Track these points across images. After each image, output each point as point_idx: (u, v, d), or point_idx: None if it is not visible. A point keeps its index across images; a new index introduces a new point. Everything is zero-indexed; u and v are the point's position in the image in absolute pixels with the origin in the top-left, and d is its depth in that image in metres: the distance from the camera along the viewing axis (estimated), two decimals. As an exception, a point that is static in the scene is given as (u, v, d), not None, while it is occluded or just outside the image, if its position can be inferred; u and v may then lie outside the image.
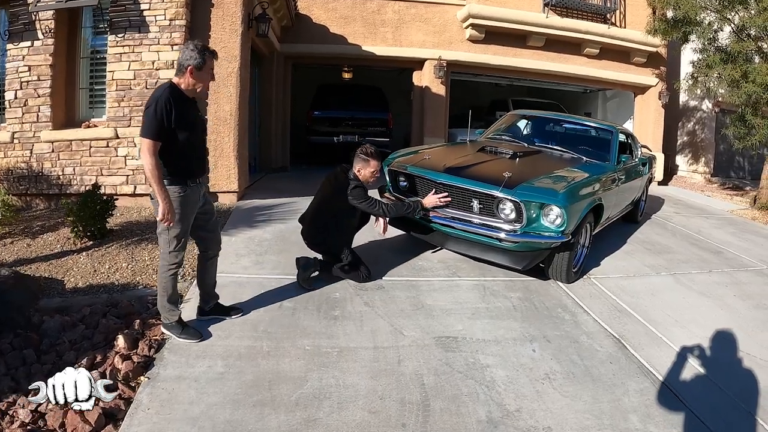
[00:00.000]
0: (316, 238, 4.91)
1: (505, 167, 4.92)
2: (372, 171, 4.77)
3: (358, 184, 4.74)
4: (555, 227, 4.65)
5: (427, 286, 4.95)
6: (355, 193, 4.71)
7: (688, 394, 3.58)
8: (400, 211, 4.96)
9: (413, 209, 4.98)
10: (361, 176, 4.77)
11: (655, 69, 12.68)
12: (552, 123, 6.92)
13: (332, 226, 4.80)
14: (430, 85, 11.18)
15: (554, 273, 5.11)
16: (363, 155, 4.76)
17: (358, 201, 4.71)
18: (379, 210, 4.81)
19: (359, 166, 4.78)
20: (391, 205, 4.94)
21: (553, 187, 4.74)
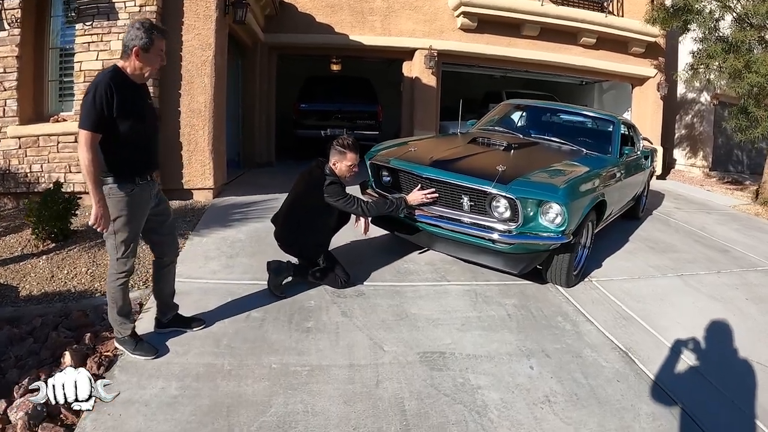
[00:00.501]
0: (289, 240, 4.40)
1: (498, 160, 4.40)
2: (349, 165, 4.26)
3: (334, 179, 4.23)
4: (554, 227, 4.15)
5: (412, 292, 4.44)
6: (331, 189, 4.20)
7: (705, 418, 3.09)
8: (382, 209, 4.44)
9: (396, 207, 4.46)
10: (337, 170, 4.27)
11: (654, 60, 12.19)
12: (549, 113, 6.39)
13: (306, 226, 4.30)
14: (421, 75, 10.64)
15: (553, 276, 4.61)
16: (339, 147, 4.24)
17: (335, 198, 4.20)
18: (358, 208, 4.30)
19: (335, 159, 4.26)
20: (372, 203, 4.42)
21: (552, 183, 4.23)
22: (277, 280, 4.24)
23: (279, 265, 4.29)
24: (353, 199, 4.26)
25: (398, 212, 4.49)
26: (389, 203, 4.47)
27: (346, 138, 4.29)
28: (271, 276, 4.24)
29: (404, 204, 4.49)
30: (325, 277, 4.37)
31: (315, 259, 4.33)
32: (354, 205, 4.25)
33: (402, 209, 4.48)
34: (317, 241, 4.34)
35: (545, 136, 5.86)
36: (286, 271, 4.30)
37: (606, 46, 11.65)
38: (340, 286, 4.36)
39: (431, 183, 4.49)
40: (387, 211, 4.46)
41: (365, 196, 5.02)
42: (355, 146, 4.26)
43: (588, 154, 5.45)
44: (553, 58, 11.21)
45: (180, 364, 3.28)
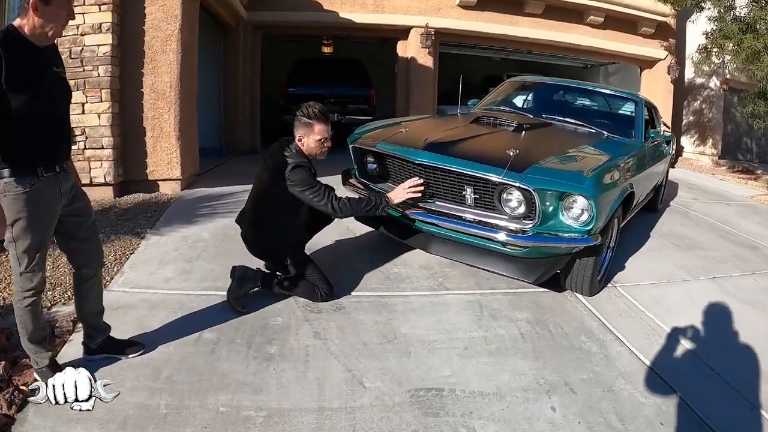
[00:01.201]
0: (255, 241, 3.58)
1: (508, 143, 3.56)
2: (318, 139, 3.38)
3: (299, 161, 3.36)
4: (579, 225, 3.30)
5: (403, 305, 3.60)
6: (296, 175, 3.33)
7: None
8: (356, 208, 3.50)
9: (374, 206, 3.51)
10: (304, 148, 3.42)
11: (664, 41, 11.32)
12: (562, 91, 5.49)
13: (274, 224, 3.46)
14: (417, 56, 9.73)
15: (573, 284, 3.78)
16: (304, 117, 3.38)
17: (300, 188, 3.33)
18: (327, 204, 3.37)
19: (300, 133, 3.40)
20: (345, 201, 3.45)
21: (576, 171, 3.39)
22: (239, 290, 3.41)
23: (244, 272, 3.46)
24: (323, 190, 3.38)
25: (379, 211, 3.55)
26: (366, 201, 3.51)
27: (311, 105, 3.41)
28: (232, 285, 3.42)
29: (385, 202, 3.55)
30: (299, 286, 3.54)
31: (287, 265, 3.50)
32: (322, 199, 3.36)
33: (383, 208, 3.54)
34: (289, 242, 3.51)
35: (558, 117, 4.98)
36: (253, 280, 3.47)
37: (614, 25, 10.75)
38: (319, 299, 3.53)
39: (426, 171, 3.62)
40: (364, 212, 3.54)
41: (347, 187, 4.15)
42: (324, 114, 3.41)
43: (609, 137, 4.58)
44: (558, 37, 10.31)
45: (105, 405, 2.46)
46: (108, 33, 5.63)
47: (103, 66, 5.68)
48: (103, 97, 5.71)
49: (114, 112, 5.76)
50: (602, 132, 4.64)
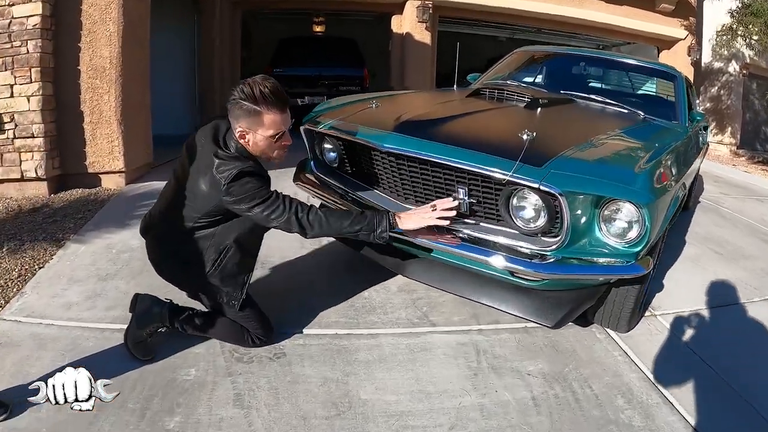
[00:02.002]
0: (163, 266, 2.45)
1: (519, 123, 2.44)
2: (271, 135, 2.15)
3: (243, 168, 2.10)
4: (624, 245, 2.18)
5: (368, 351, 2.52)
6: (238, 188, 2.10)
7: None
8: (339, 225, 2.21)
9: (369, 227, 2.21)
10: (250, 146, 2.19)
11: (684, 20, 10.19)
12: (584, 62, 4.30)
13: (195, 259, 2.30)
14: (413, 31, 8.58)
15: (606, 318, 2.71)
16: (246, 101, 2.09)
17: (247, 204, 2.12)
18: (291, 219, 2.14)
19: (242, 124, 2.14)
20: (321, 213, 2.20)
21: (622, 165, 2.28)
22: (140, 332, 2.33)
23: (148, 307, 2.38)
24: (282, 202, 2.15)
25: (374, 237, 2.22)
26: (354, 219, 2.21)
27: (259, 82, 2.09)
28: (131, 326, 2.36)
29: (387, 225, 2.21)
30: (222, 329, 2.45)
31: (211, 299, 2.40)
32: (283, 214, 2.13)
33: (381, 234, 2.21)
34: (223, 287, 2.35)
35: (581, 94, 3.79)
36: (159, 317, 2.37)
37: (631, 1, 9.58)
38: (250, 344, 2.45)
39: (398, 163, 2.50)
40: (350, 233, 2.22)
41: (297, 184, 3.00)
42: (278, 96, 2.11)
43: (647, 119, 3.44)
44: (570, 12, 9.17)
45: None
46: (38, 2, 4.55)
47: (33, 41, 4.60)
48: (33, 77, 4.62)
49: (45, 94, 4.67)
50: (637, 112, 3.50)
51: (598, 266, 2.15)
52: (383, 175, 2.56)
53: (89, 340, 2.47)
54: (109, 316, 2.68)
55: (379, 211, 2.25)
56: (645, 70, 4.33)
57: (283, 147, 2.24)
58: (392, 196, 2.58)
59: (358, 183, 2.74)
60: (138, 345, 2.32)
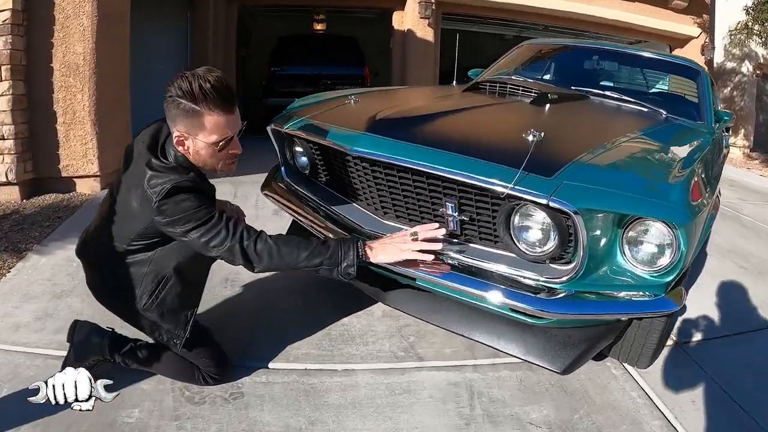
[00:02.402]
0: (100, 293, 2.01)
1: (524, 121, 1.98)
2: (215, 141, 1.69)
3: (178, 181, 1.67)
4: (653, 274, 1.72)
5: (341, 392, 2.08)
6: (172, 206, 1.66)
7: None
8: (295, 258, 1.75)
9: (332, 261, 1.75)
10: (191, 155, 1.75)
11: (698, 17, 9.68)
12: (597, 56, 3.81)
13: (127, 278, 1.87)
14: (415, 28, 8.10)
15: (623, 353, 2.24)
16: (185, 99, 1.63)
17: (182, 227, 1.69)
18: (235, 247, 1.71)
19: (180, 127, 1.69)
20: (272, 242, 1.74)
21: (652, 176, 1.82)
22: (78, 365, 1.89)
23: (86, 336, 1.99)
24: (224, 226, 1.71)
25: (339, 273, 1.77)
26: (314, 250, 1.75)
27: (200, 74, 1.64)
28: (69, 357, 1.99)
29: (355, 257, 1.76)
30: (169, 365, 2.03)
31: (155, 331, 1.95)
32: (225, 240, 1.70)
33: (347, 268, 1.76)
34: (152, 312, 1.89)
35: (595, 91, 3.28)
36: (99, 349, 1.98)
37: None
38: (202, 383, 2.02)
39: (373, 169, 2.04)
40: (308, 267, 1.76)
41: (267, 195, 2.54)
42: (224, 93, 1.65)
43: (670, 119, 2.97)
44: (579, 9, 8.65)
45: None
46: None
47: (3, 36, 4.21)
48: (3, 75, 4.22)
49: (16, 94, 4.28)
50: (659, 111, 3.01)
51: (620, 302, 1.68)
52: (359, 184, 2.10)
53: (30, 369, 2.09)
54: (55, 341, 2.27)
55: (346, 240, 1.77)
56: (665, 65, 3.83)
57: (231, 156, 1.78)
58: (370, 210, 2.13)
59: (333, 194, 2.29)
60: None
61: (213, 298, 2.72)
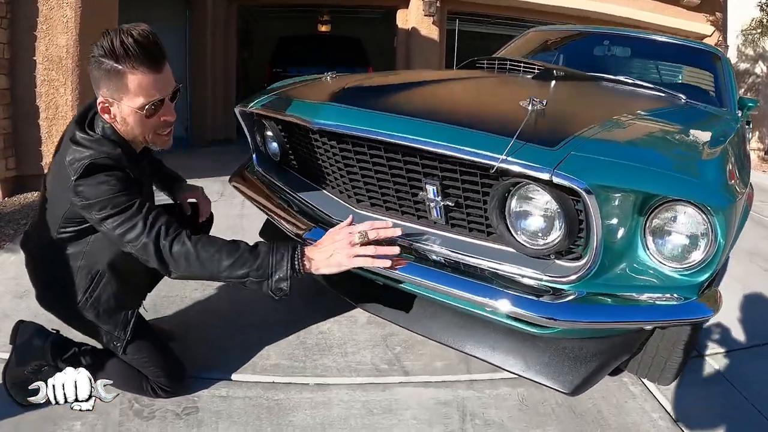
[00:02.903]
0: (38, 291, 1.71)
1: (523, 93, 1.61)
2: (138, 105, 1.39)
3: (96, 156, 1.39)
4: (683, 272, 1.35)
5: (309, 410, 1.75)
6: (88, 187, 1.38)
7: None
8: (217, 266, 1.41)
9: (261, 270, 1.41)
10: (118, 125, 1.45)
11: (710, 15, 9.27)
12: (608, 41, 3.45)
13: (60, 272, 1.59)
14: (419, 26, 7.77)
15: (643, 367, 1.89)
16: (107, 57, 1.34)
17: (98, 212, 1.38)
18: (149, 245, 1.39)
19: (103, 91, 1.39)
20: (192, 247, 1.40)
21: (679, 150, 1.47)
22: (20, 369, 1.68)
23: (29, 339, 1.71)
24: (143, 217, 1.39)
25: (269, 285, 1.42)
26: (245, 258, 1.41)
27: (123, 29, 1.33)
28: (10, 361, 1.70)
29: (290, 268, 1.41)
30: (114, 373, 1.72)
31: (97, 335, 1.69)
32: (140, 236, 1.39)
33: (280, 284, 1.41)
34: (88, 311, 1.62)
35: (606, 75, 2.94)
36: (39, 354, 1.70)
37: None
38: (152, 394, 1.72)
39: (341, 147, 1.69)
40: (235, 279, 1.43)
41: (234, 185, 2.20)
42: (148, 46, 1.35)
43: (690, 103, 2.60)
44: (590, 6, 8.29)
45: None
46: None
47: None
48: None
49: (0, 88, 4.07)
50: (678, 95, 2.65)
51: (643, 308, 1.32)
52: (329, 168, 1.76)
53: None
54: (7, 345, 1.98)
55: (280, 247, 1.42)
56: (682, 50, 3.47)
57: (164, 125, 1.49)
58: (343, 198, 1.79)
59: (304, 181, 1.96)
60: (17, 386, 1.66)
61: (182, 300, 2.42)
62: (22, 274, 2.64)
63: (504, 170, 1.26)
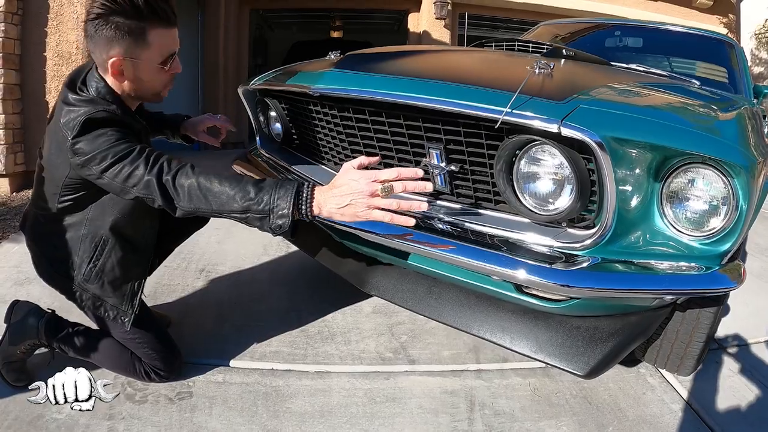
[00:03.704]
0: (38, 266, 1.65)
1: (531, 62, 1.51)
2: (159, 60, 1.43)
3: (93, 112, 1.34)
4: (703, 240, 1.24)
5: (308, 397, 1.66)
6: (87, 144, 1.32)
7: None
8: (220, 201, 1.30)
9: (263, 210, 1.27)
10: (127, 82, 1.43)
11: (723, 17, 9.04)
12: (619, 32, 3.35)
13: (63, 245, 1.55)
14: (430, 29, 7.68)
15: (662, 356, 1.78)
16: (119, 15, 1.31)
17: (98, 166, 1.31)
18: (154, 187, 1.30)
19: (116, 50, 1.36)
20: (195, 180, 1.31)
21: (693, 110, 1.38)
22: (12, 350, 1.63)
23: (23, 318, 1.66)
24: (145, 161, 1.31)
25: (269, 227, 1.29)
26: (247, 190, 1.29)
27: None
28: (4, 340, 1.65)
29: (293, 205, 1.26)
30: (107, 355, 1.67)
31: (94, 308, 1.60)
32: (143, 178, 1.30)
33: (280, 221, 1.26)
34: (93, 283, 1.56)
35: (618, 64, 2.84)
36: (33, 333, 1.64)
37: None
38: (145, 377, 1.65)
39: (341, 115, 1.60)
40: (237, 213, 1.30)
41: (236, 167, 2.11)
42: (166, 2, 1.38)
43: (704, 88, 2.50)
44: (602, 9, 8.17)
45: None
46: (4, -17, 4.03)
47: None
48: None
49: (9, 83, 4.08)
50: (691, 81, 2.55)
51: (662, 276, 1.21)
52: (330, 140, 1.68)
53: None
54: (0, 330, 1.93)
55: (285, 183, 1.29)
56: (695, 39, 3.36)
57: (172, 77, 1.50)
58: (341, 171, 1.73)
59: (305, 159, 1.89)
60: (9, 366, 1.62)
61: (183, 289, 2.36)
62: (23, 261, 2.64)
63: (510, 127, 1.17)
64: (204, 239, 2.90)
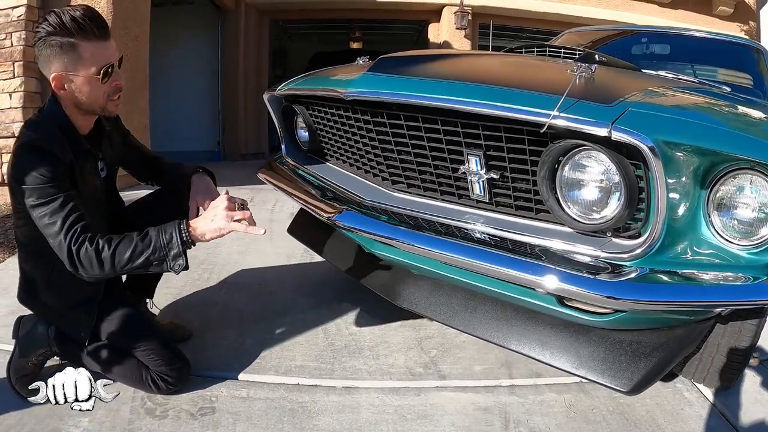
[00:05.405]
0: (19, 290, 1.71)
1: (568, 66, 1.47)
2: (94, 71, 1.46)
3: (29, 138, 1.46)
4: (751, 249, 1.17)
5: (336, 413, 1.62)
6: (18, 171, 1.44)
7: None
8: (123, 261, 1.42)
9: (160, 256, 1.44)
10: (73, 99, 1.49)
11: (744, 24, 8.94)
12: (646, 38, 3.31)
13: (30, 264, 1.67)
14: (450, 39, 7.67)
15: (700, 371, 1.71)
16: (54, 35, 1.41)
17: (28, 200, 1.42)
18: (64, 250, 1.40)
19: (55, 67, 1.43)
20: (94, 248, 1.41)
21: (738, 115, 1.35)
22: (24, 362, 1.64)
23: (32, 327, 1.68)
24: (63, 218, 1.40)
25: (171, 267, 1.46)
26: (141, 246, 1.43)
27: (68, 8, 1.44)
28: (14, 354, 1.66)
29: (179, 240, 1.44)
30: (116, 365, 1.66)
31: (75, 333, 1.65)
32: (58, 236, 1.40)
33: (176, 258, 1.45)
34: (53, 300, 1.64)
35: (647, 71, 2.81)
36: (44, 341, 1.66)
37: (687, 4, 8.49)
38: (153, 388, 1.63)
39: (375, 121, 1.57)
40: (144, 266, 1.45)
41: (262, 176, 2.09)
42: (97, 19, 1.46)
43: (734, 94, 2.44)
44: (621, 17, 8.09)
45: None
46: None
47: (17, 33, 4.18)
48: (16, 72, 4.18)
49: (29, 91, 4.23)
50: (721, 86, 2.49)
51: (707, 288, 1.15)
52: (362, 148, 1.65)
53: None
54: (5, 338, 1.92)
55: (166, 226, 1.46)
56: (722, 45, 3.30)
57: (116, 90, 1.56)
58: (376, 181, 1.68)
59: (334, 168, 1.86)
60: (22, 379, 1.63)
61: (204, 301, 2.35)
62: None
63: (554, 132, 1.12)
64: (225, 250, 2.88)
